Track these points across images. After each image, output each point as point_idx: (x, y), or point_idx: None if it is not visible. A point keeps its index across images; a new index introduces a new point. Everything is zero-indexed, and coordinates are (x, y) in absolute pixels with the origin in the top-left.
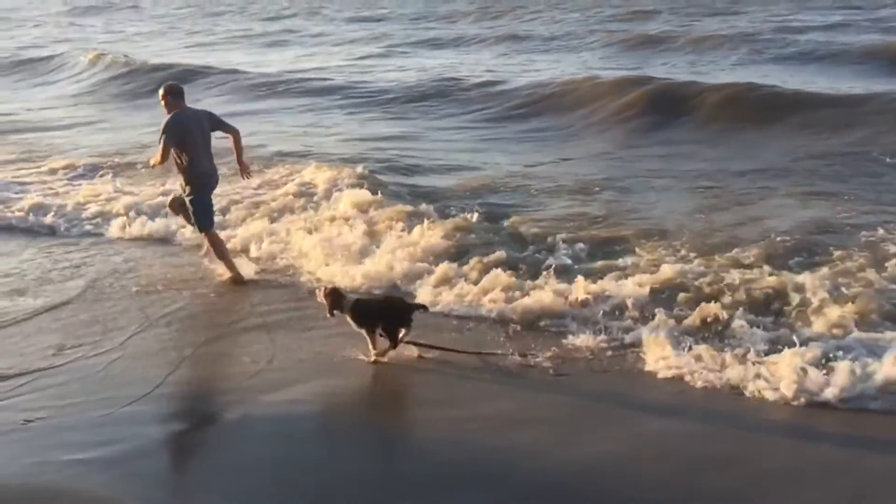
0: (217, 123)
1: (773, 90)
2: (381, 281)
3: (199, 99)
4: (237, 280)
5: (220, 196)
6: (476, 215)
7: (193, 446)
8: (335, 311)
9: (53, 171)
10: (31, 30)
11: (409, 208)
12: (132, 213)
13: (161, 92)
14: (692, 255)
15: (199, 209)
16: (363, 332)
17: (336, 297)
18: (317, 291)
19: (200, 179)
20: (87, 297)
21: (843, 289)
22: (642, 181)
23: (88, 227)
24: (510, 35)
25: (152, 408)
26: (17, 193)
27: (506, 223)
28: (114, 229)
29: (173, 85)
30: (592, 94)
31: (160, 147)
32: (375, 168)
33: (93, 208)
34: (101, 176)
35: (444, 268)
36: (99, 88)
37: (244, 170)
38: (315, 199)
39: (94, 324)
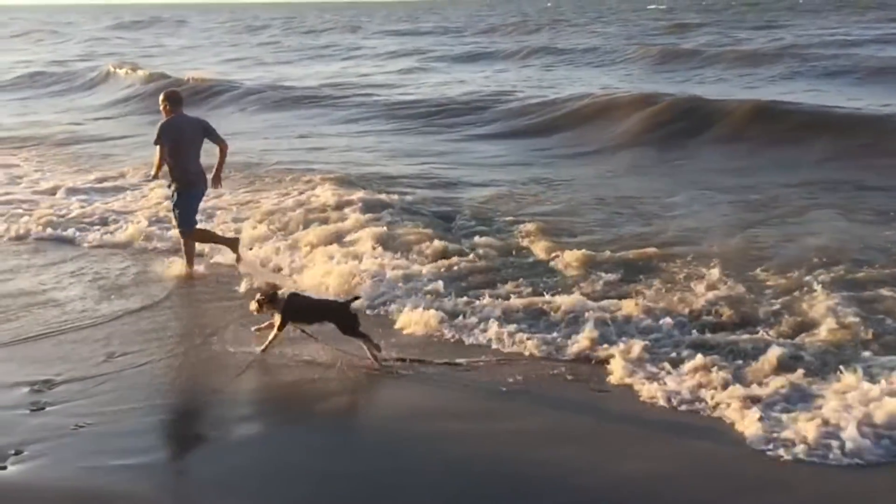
0: (210, 134)
1: (801, 107)
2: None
3: (232, 112)
4: (190, 276)
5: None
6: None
7: (239, 455)
8: (268, 309)
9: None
10: (76, 43)
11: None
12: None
13: (161, 98)
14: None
15: (182, 209)
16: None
17: (272, 292)
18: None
19: (187, 178)
20: (162, 305)
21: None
22: (669, 198)
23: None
24: (545, 48)
25: (200, 416)
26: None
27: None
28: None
29: (173, 92)
30: (619, 109)
31: (157, 150)
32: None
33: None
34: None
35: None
36: (141, 99)
37: (217, 180)
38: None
39: (151, 332)
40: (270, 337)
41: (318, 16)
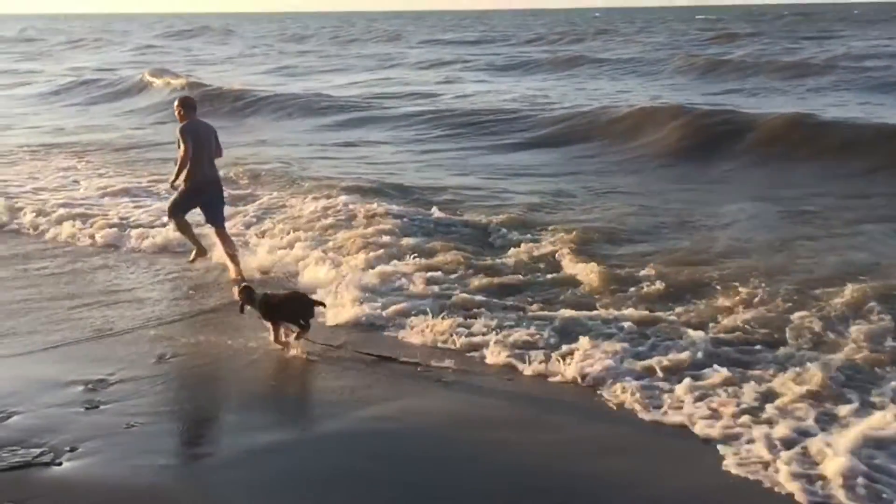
0: (217, 139)
1: (845, 120)
2: None
3: (272, 120)
4: (200, 254)
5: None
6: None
7: (285, 458)
8: (246, 307)
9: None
10: (126, 51)
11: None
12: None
13: (176, 104)
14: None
15: (178, 201)
16: (269, 324)
17: (248, 294)
18: (234, 290)
19: (196, 185)
20: (215, 309)
21: None
22: (708, 209)
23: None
24: (588, 58)
25: (248, 418)
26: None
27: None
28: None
29: (187, 98)
30: (658, 120)
31: (183, 148)
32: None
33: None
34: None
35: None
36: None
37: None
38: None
39: (202, 335)
40: (272, 337)
41: (367, 25)
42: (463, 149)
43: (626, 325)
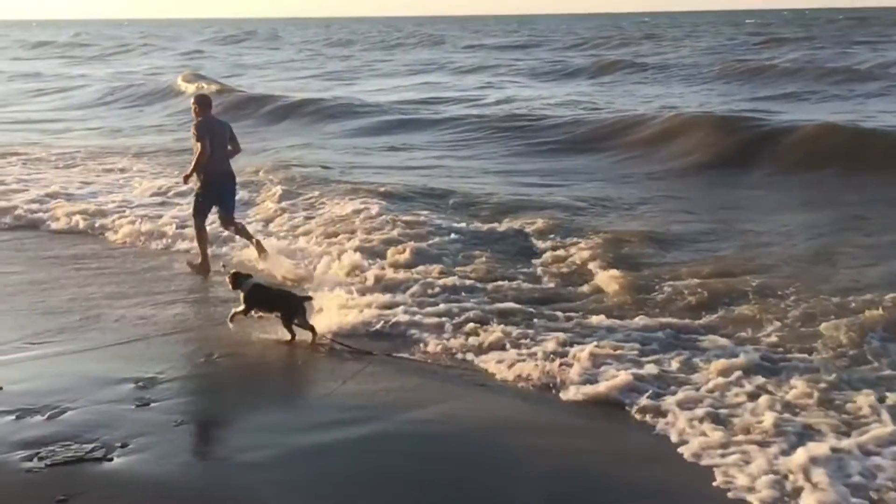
0: (232, 136)
1: (887, 129)
2: None
3: (310, 124)
4: (202, 269)
5: None
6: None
7: (328, 459)
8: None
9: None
10: (173, 56)
11: None
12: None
13: (192, 101)
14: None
15: (199, 203)
16: (243, 304)
17: (235, 278)
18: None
19: (210, 177)
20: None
21: None
22: (744, 216)
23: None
24: (630, 63)
25: (292, 419)
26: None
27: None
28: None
29: (203, 95)
30: (692, 128)
31: (200, 144)
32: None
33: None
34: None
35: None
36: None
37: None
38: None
39: (251, 334)
40: (234, 310)
41: (413, 30)
42: (504, 154)
43: (662, 335)
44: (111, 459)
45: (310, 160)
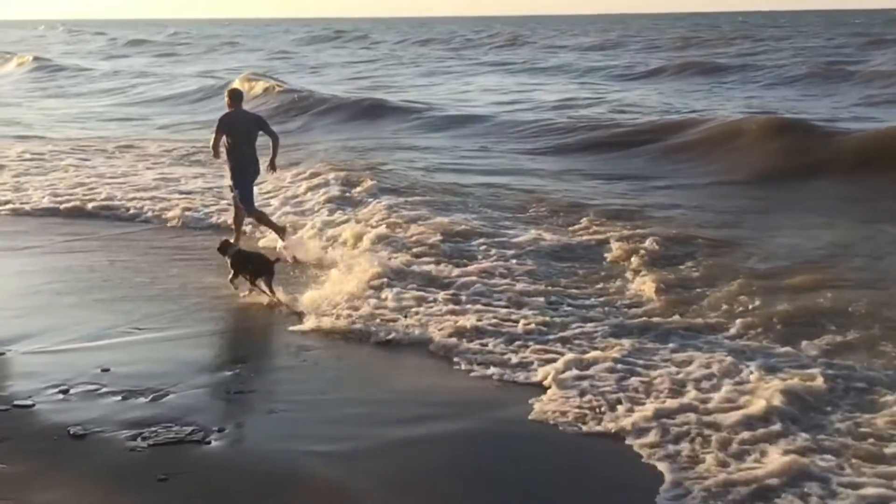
0: (264, 127)
1: None
2: None
3: (386, 127)
4: (281, 231)
5: None
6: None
7: (422, 452)
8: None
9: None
10: (258, 58)
11: None
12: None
13: (226, 94)
14: None
15: (241, 189)
16: (231, 270)
17: (224, 245)
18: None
19: (238, 162)
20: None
21: None
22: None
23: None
24: (706, 64)
25: (382, 412)
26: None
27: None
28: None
29: (235, 90)
30: (769, 133)
31: (215, 135)
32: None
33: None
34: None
35: None
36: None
37: (271, 166)
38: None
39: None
40: (230, 277)
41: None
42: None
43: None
44: (209, 443)
45: (394, 161)
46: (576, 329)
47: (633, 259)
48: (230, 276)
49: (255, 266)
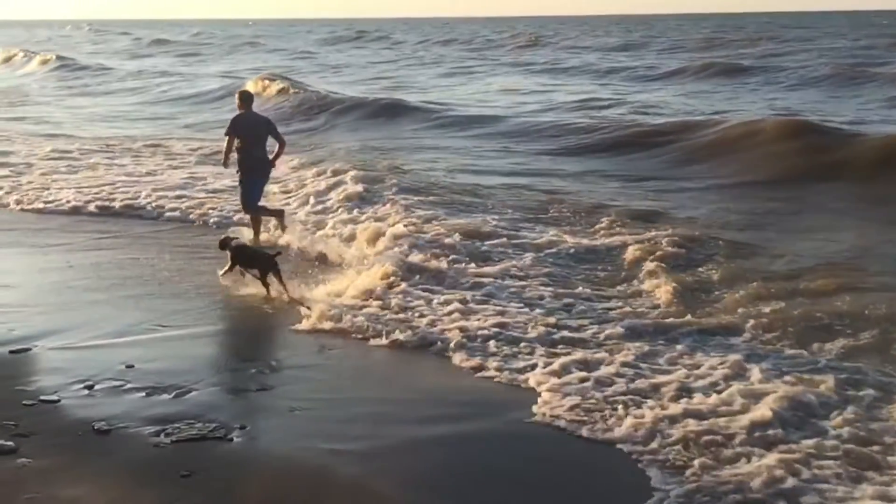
0: (272, 131)
1: None
2: None
3: (406, 128)
4: (281, 223)
5: None
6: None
7: (439, 452)
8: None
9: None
10: (281, 58)
11: None
12: None
13: (237, 96)
14: None
15: (244, 190)
16: (234, 266)
17: (225, 240)
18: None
19: (246, 164)
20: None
21: None
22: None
23: None
24: (729, 65)
25: (404, 411)
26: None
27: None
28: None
29: (245, 91)
30: (788, 136)
31: (226, 140)
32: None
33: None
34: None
35: None
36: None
37: (271, 164)
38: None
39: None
40: (224, 269)
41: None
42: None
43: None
44: (231, 440)
45: (415, 163)
46: (588, 331)
47: (649, 262)
48: (225, 268)
49: (260, 263)
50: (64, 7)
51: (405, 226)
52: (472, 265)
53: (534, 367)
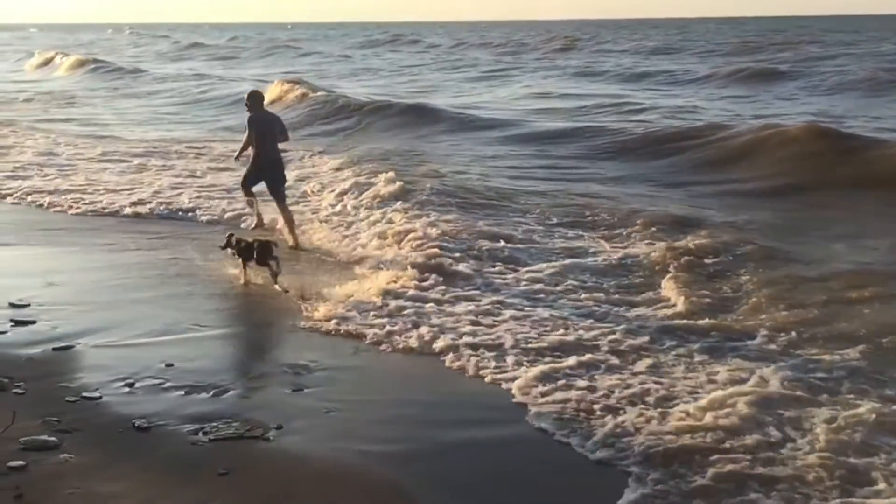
0: (281, 128)
1: None
2: None
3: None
4: (259, 224)
5: None
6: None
7: (474, 457)
8: (228, 247)
9: None
10: (310, 62)
11: None
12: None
13: (246, 97)
14: None
15: (246, 175)
16: (240, 260)
17: (228, 238)
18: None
19: (260, 161)
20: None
21: None
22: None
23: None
24: (764, 70)
25: (437, 414)
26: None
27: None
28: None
29: (255, 92)
30: (808, 142)
31: (247, 134)
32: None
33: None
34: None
35: None
36: (364, 124)
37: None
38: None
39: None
40: (238, 270)
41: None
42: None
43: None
44: (268, 439)
45: (446, 171)
46: (608, 339)
47: (673, 269)
48: (239, 269)
49: (258, 251)
50: (104, 10)
51: (433, 228)
52: (501, 269)
53: (558, 373)
